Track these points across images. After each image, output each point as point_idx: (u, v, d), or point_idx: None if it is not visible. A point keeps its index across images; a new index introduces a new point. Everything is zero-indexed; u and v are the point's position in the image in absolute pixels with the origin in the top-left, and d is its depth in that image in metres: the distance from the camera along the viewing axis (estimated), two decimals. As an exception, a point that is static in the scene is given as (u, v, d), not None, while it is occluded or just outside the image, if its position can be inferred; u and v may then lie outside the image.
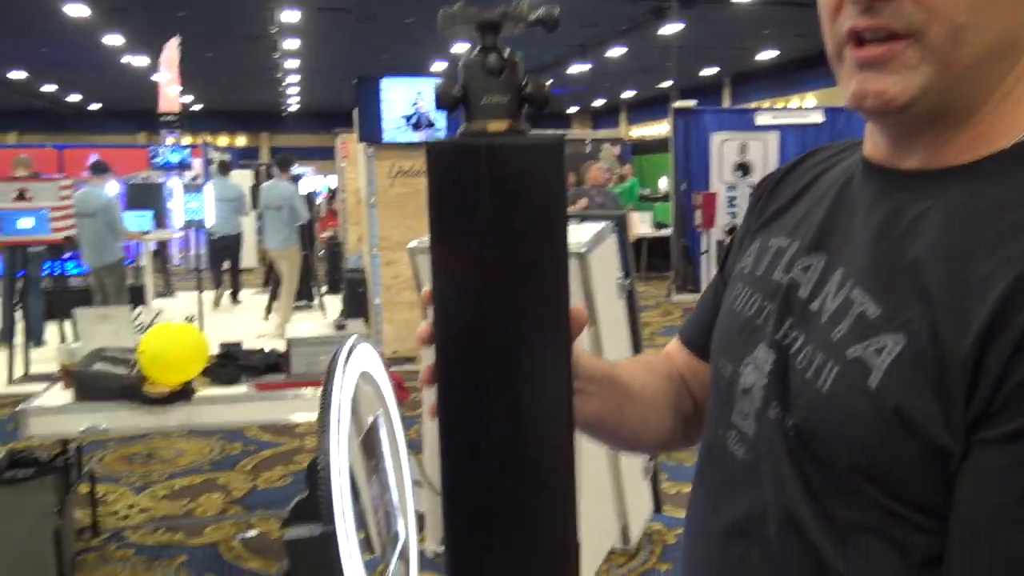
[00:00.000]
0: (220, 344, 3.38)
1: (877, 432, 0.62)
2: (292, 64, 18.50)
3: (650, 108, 24.18)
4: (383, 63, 16.45)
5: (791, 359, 0.70)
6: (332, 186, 14.34)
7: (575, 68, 19.06)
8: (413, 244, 3.25)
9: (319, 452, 1.10)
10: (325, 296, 9.17)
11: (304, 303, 8.94)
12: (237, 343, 3.43)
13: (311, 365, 3.19)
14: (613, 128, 26.88)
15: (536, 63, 17.69)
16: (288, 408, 3.13)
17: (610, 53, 17.10)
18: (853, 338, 0.65)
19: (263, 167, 13.60)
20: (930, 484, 0.61)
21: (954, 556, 0.60)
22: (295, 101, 25.83)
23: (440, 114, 6.07)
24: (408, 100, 6.39)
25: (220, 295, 9.94)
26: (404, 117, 6.38)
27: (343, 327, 5.83)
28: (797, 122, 9.51)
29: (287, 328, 7.47)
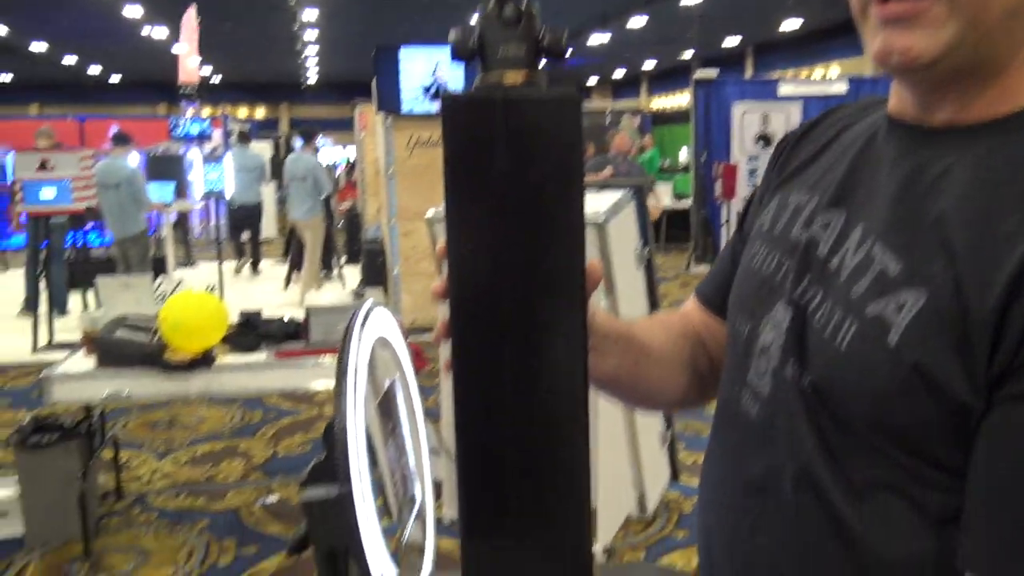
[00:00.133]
0: (240, 312, 3.41)
1: (896, 389, 0.61)
2: (311, 35, 18.41)
3: (671, 79, 23.91)
4: (402, 33, 16.34)
5: (809, 317, 0.69)
6: (351, 158, 14.34)
7: (595, 38, 18.83)
8: (431, 213, 3.25)
9: (335, 413, 1.11)
10: (344, 267, 9.21)
11: (323, 274, 8.98)
12: (257, 311, 3.45)
13: (329, 333, 3.20)
14: (633, 99, 26.62)
15: (556, 33, 17.42)
16: (307, 376, 3.15)
17: (631, 23, 16.88)
18: (873, 295, 0.65)
19: (282, 138, 13.61)
20: (949, 441, 0.61)
21: (973, 512, 0.59)
22: (314, 72, 25.75)
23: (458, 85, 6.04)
24: (427, 70, 6.35)
25: (242, 264, 10.01)
26: (423, 87, 6.35)
27: (362, 296, 5.85)
28: (820, 92, 9.36)
29: (308, 296, 7.54)
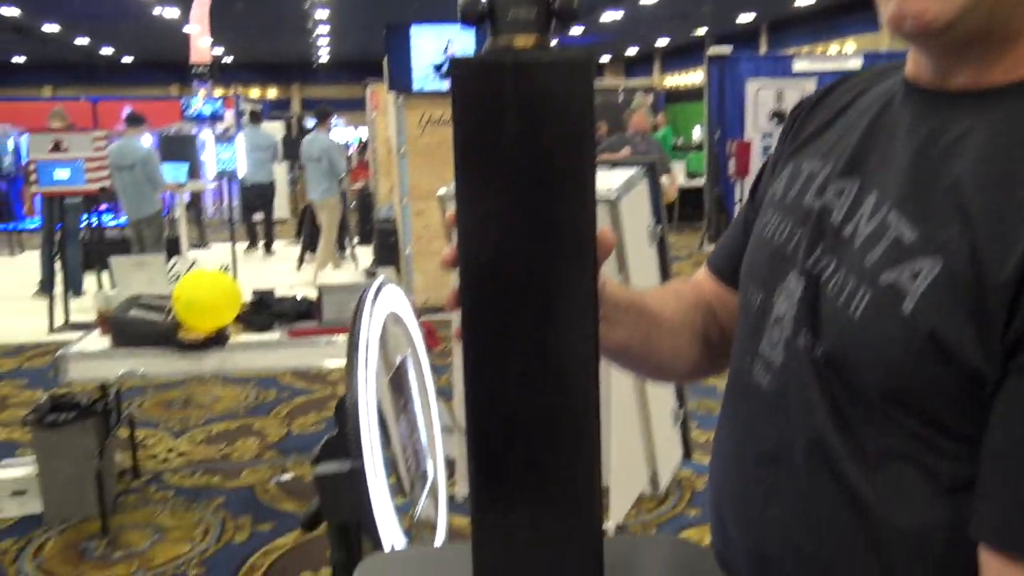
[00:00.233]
0: (253, 291, 3.42)
1: (910, 358, 0.61)
2: (322, 14, 18.34)
3: (684, 56, 23.72)
4: (413, 11, 16.24)
5: (822, 286, 0.69)
6: (362, 138, 14.32)
7: (608, 16, 18.68)
8: (442, 191, 3.24)
9: (347, 387, 1.11)
10: (357, 247, 9.23)
11: (338, 254, 9.01)
12: (270, 290, 3.46)
13: (342, 312, 3.21)
14: (646, 77, 26.44)
15: (568, 11, 17.29)
16: (320, 354, 3.16)
17: (643, 0, 16.73)
18: (887, 263, 0.64)
19: (294, 118, 13.61)
20: (963, 410, 0.60)
21: (987, 482, 0.59)
22: (326, 52, 25.69)
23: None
24: (438, 48, 6.31)
25: (255, 244, 10.06)
26: (434, 65, 6.32)
27: (374, 275, 5.87)
28: (836, 68, 9.25)
29: (321, 276, 7.58)
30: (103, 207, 7.60)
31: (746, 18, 20.37)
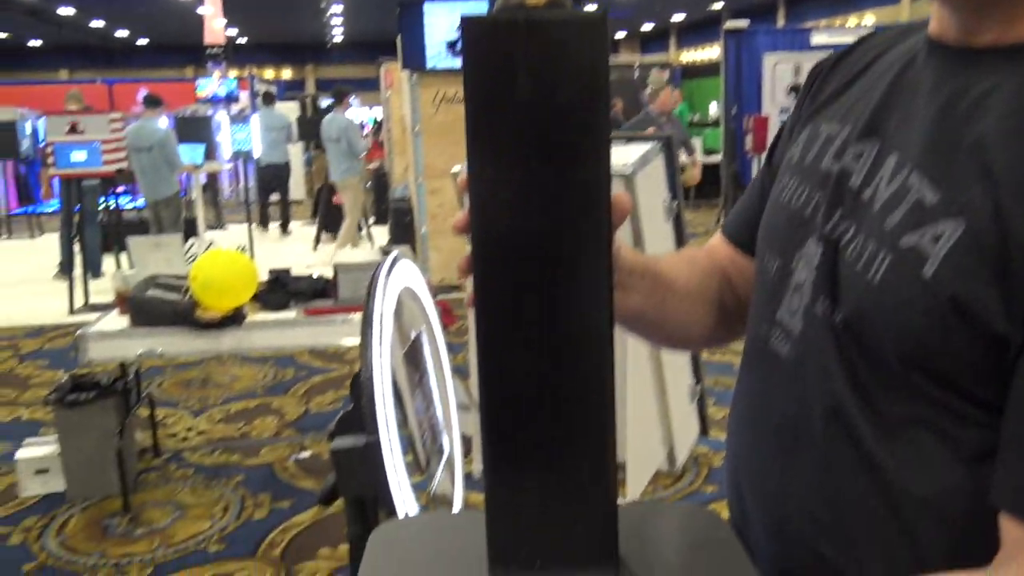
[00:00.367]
0: (269, 270, 3.42)
1: (931, 322, 0.59)
2: (335, -7, 18.30)
3: (700, 31, 23.46)
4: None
5: (841, 251, 0.67)
6: (377, 118, 14.29)
7: (623, -9, 18.50)
8: (456, 168, 3.22)
9: (361, 361, 1.10)
10: (372, 227, 9.24)
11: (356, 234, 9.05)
12: (286, 270, 3.47)
13: (358, 291, 3.21)
14: (662, 53, 26.19)
15: (582, -13, 17.16)
16: (336, 333, 3.17)
17: (659, -25, 16.54)
18: (908, 226, 0.62)
19: (308, 99, 13.60)
20: (985, 375, 0.59)
21: (1009, 448, 0.57)
22: (340, 32, 25.62)
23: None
24: (452, 25, 6.27)
25: (267, 224, 10.13)
26: (447, 43, 6.28)
27: (389, 253, 5.88)
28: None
29: (338, 255, 7.62)
30: (120, 189, 7.64)
31: (763, -8, 20.09)
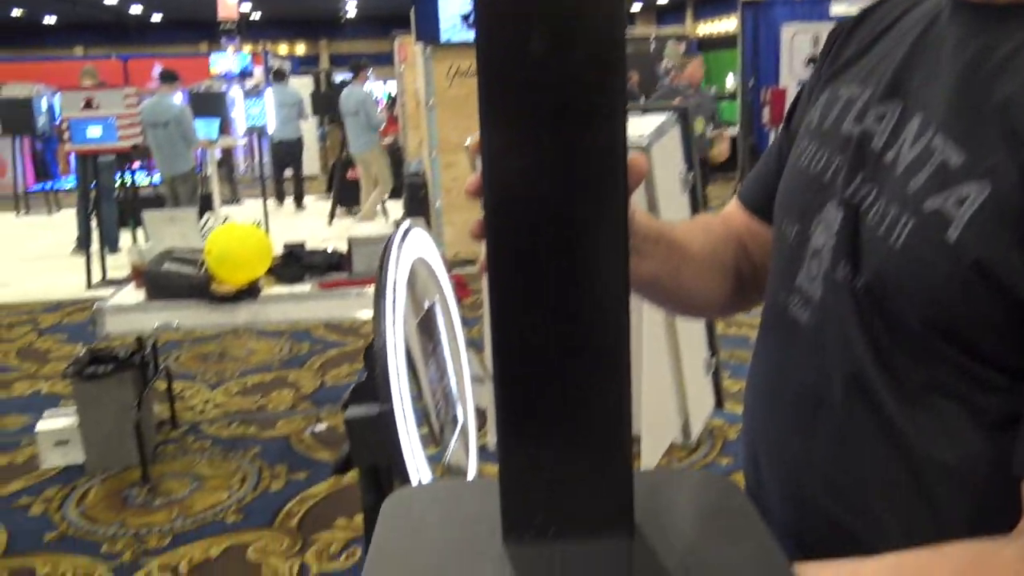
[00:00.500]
0: (284, 244, 3.43)
1: (954, 287, 0.58)
2: (348, -33, 18.15)
3: (717, 3, 23.16)
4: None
5: (862, 215, 0.66)
6: (391, 92, 14.25)
7: (639, -38, 18.27)
8: (470, 141, 3.21)
9: (374, 329, 1.10)
10: (387, 201, 9.24)
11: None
12: (300, 243, 3.47)
13: (373, 264, 3.21)
14: (679, 25, 25.90)
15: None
16: (351, 306, 3.18)
17: (675, -55, 16.31)
18: (932, 189, 0.61)
19: (322, 73, 13.57)
20: (1009, 340, 0.58)
21: None
22: (353, 6, 25.46)
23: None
24: (465, -3, 6.22)
25: (282, 199, 10.16)
26: (461, 15, 6.23)
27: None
28: (875, 11, 8.98)
29: (362, 226, 7.67)
30: (136, 165, 7.66)
31: (781, -38, 19.81)
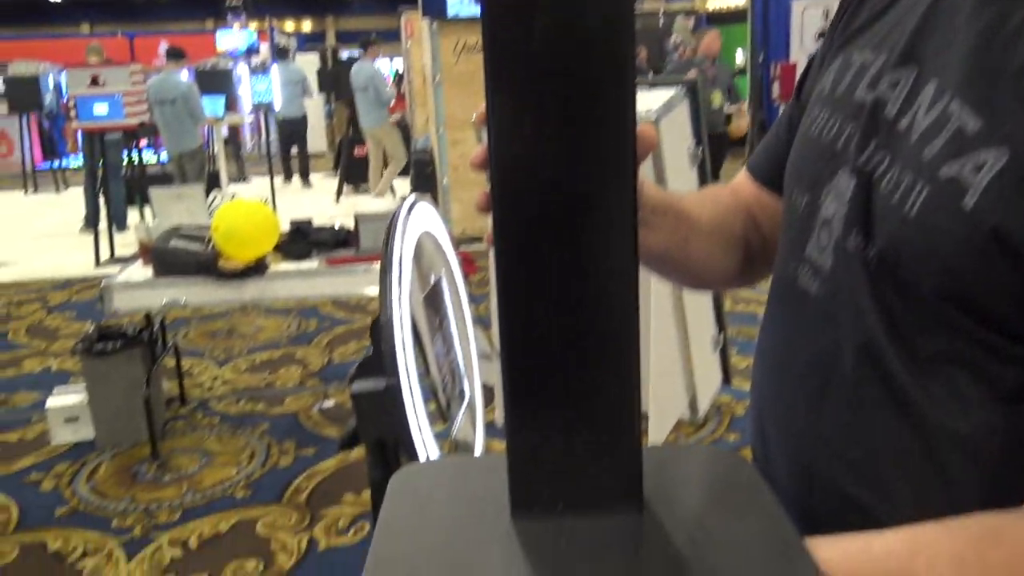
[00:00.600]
0: (291, 221, 3.42)
1: (971, 255, 0.57)
2: (354, -58, 18.00)
3: (727, -22, 22.91)
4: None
5: (875, 183, 0.64)
6: (398, 69, 14.18)
7: (647, -64, 18.06)
8: (476, 114, 3.18)
9: (380, 302, 1.09)
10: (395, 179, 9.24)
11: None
12: (307, 220, 3.47)
13: (379, 240, 3.20)
14: (687, 0, 25.65)
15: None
16: (358, 282, 3.17)
17: (685, -82, 16.13)
18: (948, 156, 0.59)
19: (328, 50, 13.50)
20: None
21: None
22: (359, -18, 25.29)
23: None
24: (472, -29, 6.16)
25: (290, 176, 10.18)
26: (468, -10, 6.18)
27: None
28: (886, -15, 8.87)
29: (360, 204, 7.69)
30: (143, 142, 7.66)
31: (792, -65, 19.56)
